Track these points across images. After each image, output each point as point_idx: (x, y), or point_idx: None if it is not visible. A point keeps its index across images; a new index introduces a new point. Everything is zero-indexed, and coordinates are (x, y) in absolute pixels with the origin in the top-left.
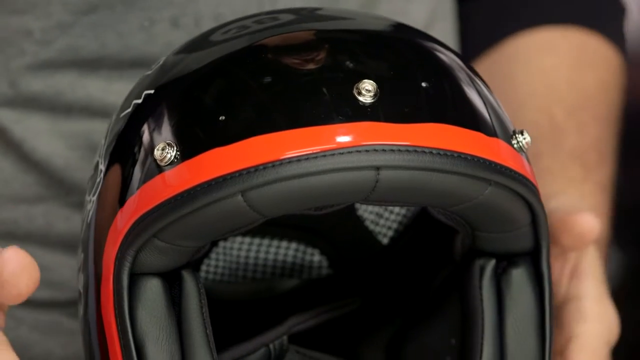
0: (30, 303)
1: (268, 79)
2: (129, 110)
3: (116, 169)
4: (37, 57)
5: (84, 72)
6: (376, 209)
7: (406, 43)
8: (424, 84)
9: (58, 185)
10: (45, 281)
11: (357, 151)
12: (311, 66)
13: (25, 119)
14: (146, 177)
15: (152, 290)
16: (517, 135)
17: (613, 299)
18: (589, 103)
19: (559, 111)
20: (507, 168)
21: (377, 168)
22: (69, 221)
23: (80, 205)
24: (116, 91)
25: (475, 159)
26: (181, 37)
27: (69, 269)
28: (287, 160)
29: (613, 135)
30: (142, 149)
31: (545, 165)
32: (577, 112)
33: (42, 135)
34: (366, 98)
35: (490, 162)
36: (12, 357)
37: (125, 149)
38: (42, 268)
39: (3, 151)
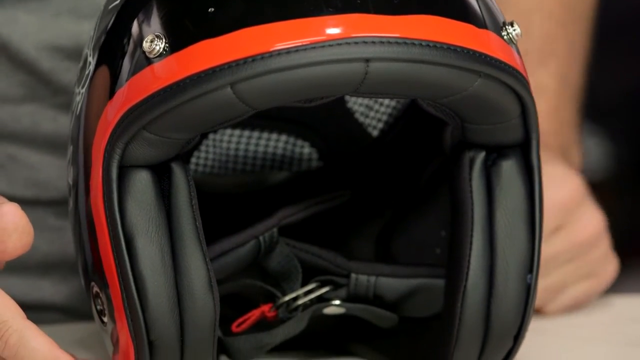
0: (15, 201)
1: None
2: (117, 2)
3: (105, 61)
4: None
5: None
6: (366, 101)
7: None
8: None
9: (45, 87)
10: (30, 180)
11: (347, 43)
12: None
13: (12, 21)
14: (135, 69)
15: (142, 182)
16: (507, 26)
17: (603, 190)
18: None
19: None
20: (496, 60)
21: (367, 60)
22: (56, 122)
23: (67, 106)
24: None
25: (465, 51)
26: None
27: (56, 168)
28: (277, 52)
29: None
30: (131, 41)
31: None
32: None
33: (30, 37)
34: None
35: (480, 54)
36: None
37: (114, 42)
38: (28, 167)
39: None
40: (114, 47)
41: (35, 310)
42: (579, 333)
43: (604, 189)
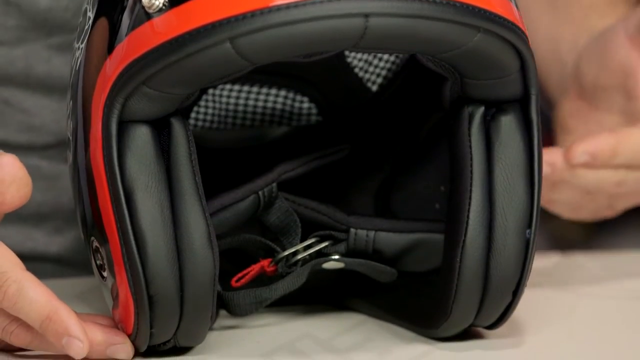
0: (8, 146)
1: None
2: None
3: (104, 16)
4: None
5: None
6: (365, 56)
7: None
8: None
9: (40, 27)
10: (24, 125)
11: None
12: None
13: None
14: (135, 24)
15: (141, 137)
16: None
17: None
18: None
19: None
20: (496, 15)
21: (366, 15)
22: (49, 64)
23: (61, 46)
24: None
25: (464, 6)
26: None
27: (49, 111)
28: (276, 8)
29: None
30: None
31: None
32: None
33: None
34: None
35: (479, 9)
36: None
37: None
38: (22, 111)
39: None
40: (113, 1)
41: (28, 261)
42: (579, 289)
43: None
